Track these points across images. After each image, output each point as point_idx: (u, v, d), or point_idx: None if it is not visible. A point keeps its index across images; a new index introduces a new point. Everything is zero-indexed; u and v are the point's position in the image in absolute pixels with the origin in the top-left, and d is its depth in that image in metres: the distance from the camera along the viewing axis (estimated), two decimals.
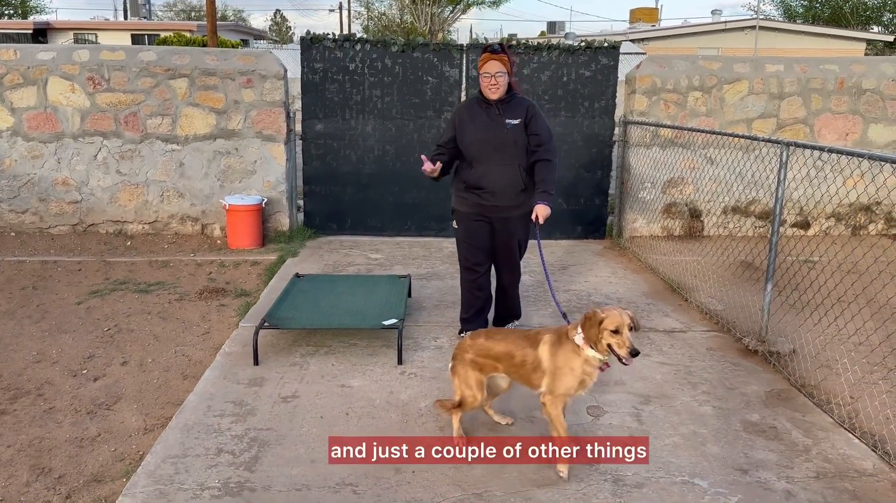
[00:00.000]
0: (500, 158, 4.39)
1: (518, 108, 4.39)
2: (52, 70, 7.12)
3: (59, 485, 3.22)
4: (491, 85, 4.32)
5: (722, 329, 5.09)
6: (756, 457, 3.40)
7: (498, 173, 4.40)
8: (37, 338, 4.85)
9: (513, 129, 4.36)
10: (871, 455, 3.44)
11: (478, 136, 4.40)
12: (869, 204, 7.81)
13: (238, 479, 3.16)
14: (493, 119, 4.38)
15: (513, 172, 4.40)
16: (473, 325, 4.70)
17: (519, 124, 4.36)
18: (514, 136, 4.36)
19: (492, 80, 4.31)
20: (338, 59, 7.42)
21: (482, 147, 4.41)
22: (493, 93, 4.35)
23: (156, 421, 3.77)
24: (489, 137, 4.38)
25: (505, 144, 4.37)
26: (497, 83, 4.31)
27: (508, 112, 4.38)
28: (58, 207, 7.38)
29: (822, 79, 7.63)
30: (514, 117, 4.36)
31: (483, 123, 4.39)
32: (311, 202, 7.75)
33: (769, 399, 4.03)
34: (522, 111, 4.38)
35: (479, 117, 4.41)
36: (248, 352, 4.46)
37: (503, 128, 4.35)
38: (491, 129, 4.37)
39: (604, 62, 7.51)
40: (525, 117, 4.37)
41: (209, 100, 7.24)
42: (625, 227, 7.75)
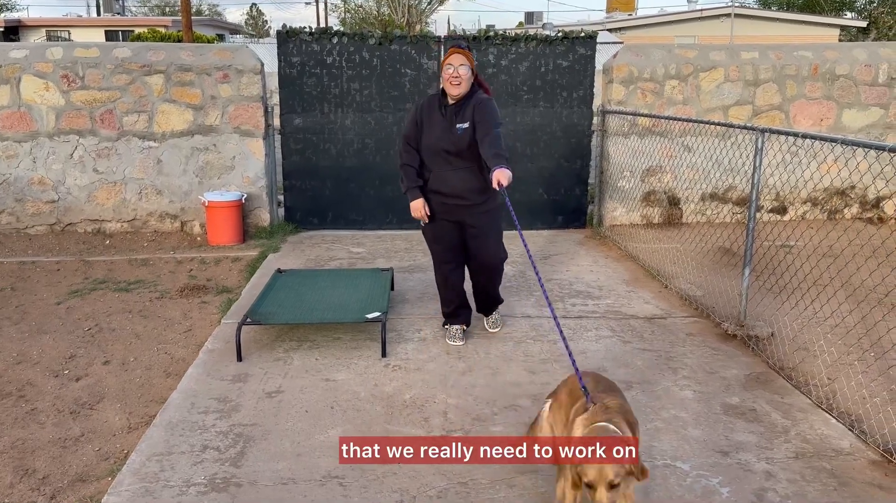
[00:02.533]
0: (457, 162, 4.26)
1: (468, 110, 4.19)
2: (25, 68, 7.02)
3: (43, 485, 3.20)
4: (452, 77, 4.13)
5: (701, 314, 5.15)
6: (736, 439, 3.46)
7: (455, 177, 4.28)
8: (16, 340, 4.81)
9: (463, 133, 4.18)
10: (848, 434, 3.51)
11: (432, 142, 4.27)
12: (844, 188, 7.91)
13: (224, 475, 3.17)
14: (447, 124, 4.23)
15: (470, 175, 4.27)
16: (457, 319, 4.71)
17: (468, 127, 4.17)
18: (467, 140, 4.18)
19: (453, 73, 4.12)
20: (315, 52, 7.39)
21: (437, 152, 4.28)
22: (455, 87, 4.16)
23: (140, 419, 3.76)
24: (442, 142, 4.24)
25: (458, 148, 4.21)
26: (459, 76, 4.12)
27: (459, 115, 4.20)
28: (34, 207, 7.30)
29: (797, 65, 7.71)
30: (463, 120, 4.18)
31: (438, 128, 4.25)
32: (291, 197, 7.73)
33: (748, 382, 4.09)
34: (471, 113, 4.18)
35: (435, 120, 4.27)
36: (231, 349, 4.45)
37: (455, 132, 4.20)
38: (446, 133, 4.22)
39: (581, 52, 7.54)
40: (472, 116, 4.17)
41: (186, 96, 7.18)
42: (605, 215, 7.80)
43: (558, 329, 3.28)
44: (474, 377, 4.14)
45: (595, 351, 4.53)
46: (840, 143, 3.81)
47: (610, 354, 4.47)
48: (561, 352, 4.51)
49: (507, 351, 4.53)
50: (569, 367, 4.28)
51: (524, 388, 3.99)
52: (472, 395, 3.91)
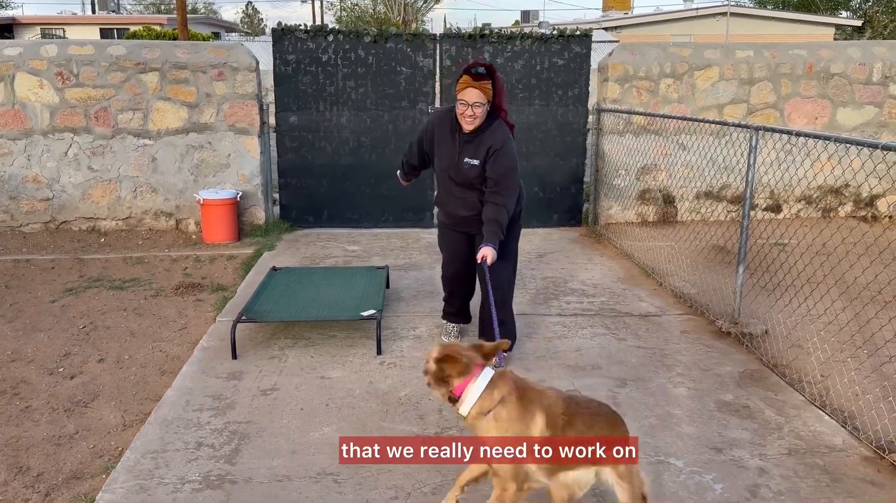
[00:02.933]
0: (460, 189, 4.13)
1: (481, 147, 3.94)
2: (20, 66, 7.00)
3: (38, 483, 3.20)
4: (466, 115, 3.86)
5: (696, 312, 5.16)
6: (730, 436, 3.47)
7: (458, 201, 4.18)
8: (11, 338, 4.80)
9: (469, 168, 3.99)
10: (841, 431, 3.53)
11: (439, 164, 4.17)
12: (838, 186, 7.94)
13: (219, 472, 3.17)
14: (457, 154, 4.04)
15: (472, 201, 4.11)
16: (455, 318, 4.70)
17: (477, 165, 3.96)
18: (471, 176, 4.02)
19: (468, 111, 3.84)
20: (310, 50, 7.38)
21: (442, 174, 4.20)
22: (468, 124, 3.91)
23: (134, 417, 3.76)
24: (449, 171, 4.12)
25: (462, 180, 4.09)
26: (474, 115, 3.84)
27: (470, 150, 3.97)
28: (29, 205, 7.28)
29: (791, 64, 7.73)
30: (474, 157, 3.96)
31: (447, 153, 4.08)
32: (286, 195, 7.72)
33: (742, 379, 4.10)
34: (483, 151, 3.93)
35: (445, 143, 4.09)
36: (225, 347, 4.45)
37: (461, 165, 4.02)
38: (452, 165, 4.07)
39: (577, 50, 7.54)
40: (484, 158, 3.94)
41: (181, 93, 7.17)
42: (600, 214, 7.82)
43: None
44: None
45: (589, 348, 4.54)
46: (834, 140, 3.83)
47: (605, 352, 4.48)
48: (556, 349, 4.53)
49: None
50: (563, 364, 4.31)
51: None
52: None
